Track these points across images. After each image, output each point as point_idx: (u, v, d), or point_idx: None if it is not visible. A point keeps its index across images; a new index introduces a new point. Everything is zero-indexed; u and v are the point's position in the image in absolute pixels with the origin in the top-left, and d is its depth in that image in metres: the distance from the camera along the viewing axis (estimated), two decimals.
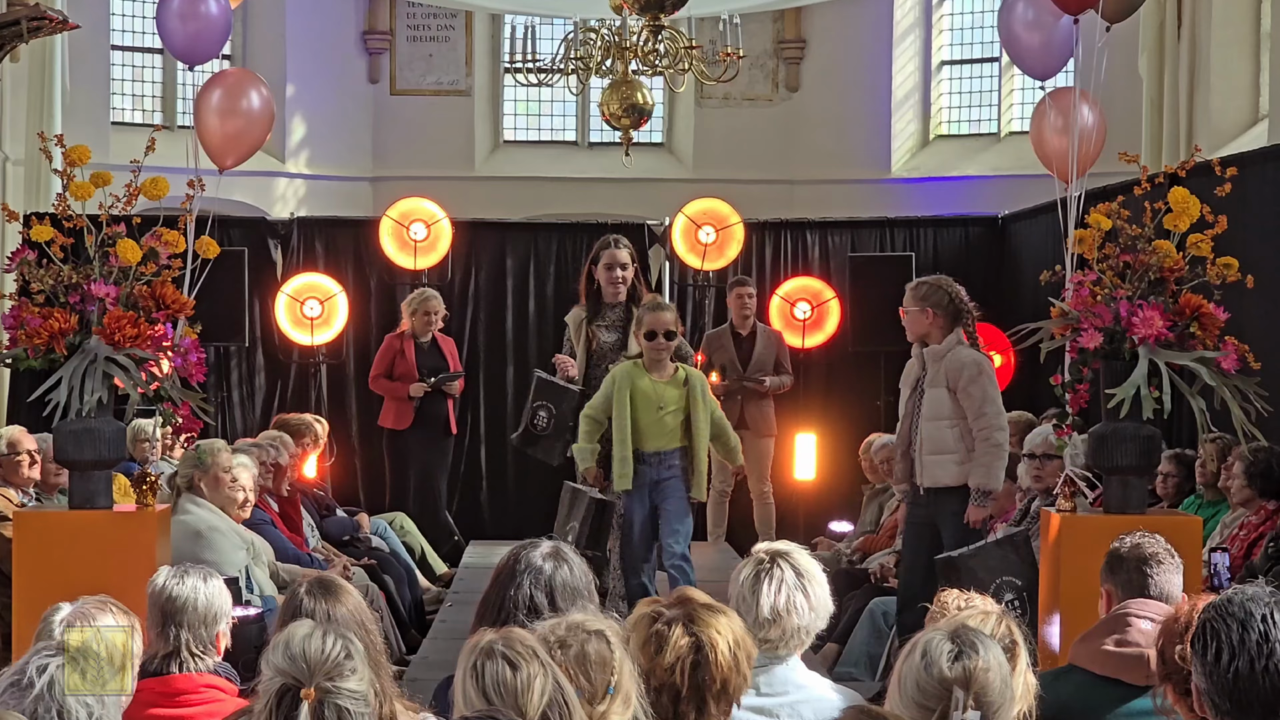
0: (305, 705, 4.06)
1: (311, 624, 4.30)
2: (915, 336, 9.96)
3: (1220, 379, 8.05)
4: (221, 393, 16.15)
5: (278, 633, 4.44)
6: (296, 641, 4.16)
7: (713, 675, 4.73)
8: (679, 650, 4.71)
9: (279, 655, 4.15)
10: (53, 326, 7.85)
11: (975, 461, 9.65)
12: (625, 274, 11.32)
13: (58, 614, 5.55)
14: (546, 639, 4.52)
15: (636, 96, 14.82)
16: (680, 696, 4.72)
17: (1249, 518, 10.22)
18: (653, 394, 10.30)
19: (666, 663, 4.71)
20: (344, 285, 16.17)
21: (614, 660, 4.52)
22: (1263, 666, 4.20)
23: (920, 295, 9.89)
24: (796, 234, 16.98)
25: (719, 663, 4.74)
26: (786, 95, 22.23)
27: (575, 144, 22.80)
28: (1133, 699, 6.00)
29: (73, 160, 8.10)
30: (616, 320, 11.39)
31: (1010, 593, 9.00)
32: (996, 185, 19.95)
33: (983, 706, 4.41)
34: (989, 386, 9.72)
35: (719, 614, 4.87)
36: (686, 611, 4.81)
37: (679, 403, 10.33)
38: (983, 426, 9.64)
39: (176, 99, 21.01)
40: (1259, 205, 11.18)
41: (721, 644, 4.75)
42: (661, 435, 10.34)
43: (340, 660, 4.15)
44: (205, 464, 10.25)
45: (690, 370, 10.55)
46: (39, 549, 7.99)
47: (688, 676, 4.72)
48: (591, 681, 4.47)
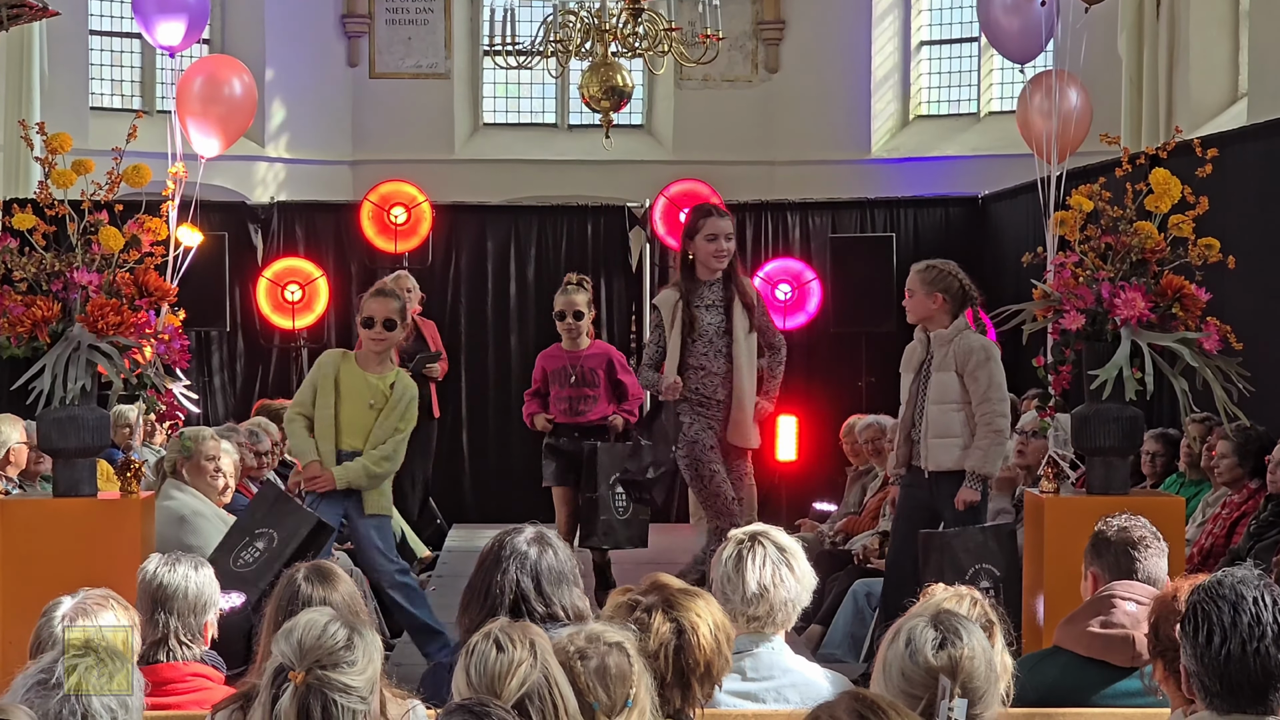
0: (290, 687, 4.07)
1: (326, 611, 4.31)
2: (918, 319, 9.85)
3: (1202, 360, 8.06)
4: (203, 378, 16.15)
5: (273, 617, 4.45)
6: (300, 626, 4.18)
7: (696, 658, 4.74)
8: (661, 636, 4.73)
9: (282, 637, 4.17)
10: (36, 314, 7.83)
11: (975, 445, 9.61)
12: (729, 245, 10.80)
13: (58, 609, 5.53)
14: (566, 649, 4.52)
15: (616, 79, 14.81)
16: (665, 682, 4.73)
17: (1231, 496, 10.25)
18: (364, 388, 9.68)
19: (650, 649, 4.71)
20: (325, 269, 16.18)
21: (633, 674, 4.52)
22: (1254, 649, 4.21)
23: (930, 279, 9.74)
24: (777, 215, 17.00)
25: (701, 645, 4.75)
26: (766, 76, 22.21)
27: (555, 126, 22.76)
28: (1118, 680, 6.02)
29: (54, 147, 8.08)
30: (718, 299, 10.81)
31: (987, 580, 9.01)
32: (976, 165, 19.98)
33: (969, 693, 4.42)
34: (996, 372, 9.67)
35: (696, 598, 4.89)
36: (664, 597, 4.83)
37: (384, 403, 9.68)
38: (986, 412, 9.61)
39: (155, 84, 20.95)
40: (1238, 184, 11.20)
41: (703, 627, 4.77)
42: (362, 434, 9.67)
43: (338, 651, 4.15)
44: (190, 451, 10.25)
45: (405, 378, 9.91)
46: (24, 537, 7.98)
47: (671, 661, 4.73)
48: (611, 695, 4.46)
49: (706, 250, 10.70)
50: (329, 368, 9.67)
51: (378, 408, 9.65)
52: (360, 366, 9.69)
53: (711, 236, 10.70)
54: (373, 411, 9.64)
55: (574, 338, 11.67)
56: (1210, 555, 10.01)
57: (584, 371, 11.62)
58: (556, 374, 11.68)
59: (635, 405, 11.82)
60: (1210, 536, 10.18)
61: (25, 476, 10.95)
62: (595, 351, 11.77)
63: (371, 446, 9.61)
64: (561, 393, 11.64)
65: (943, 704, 4.33)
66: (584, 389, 11.60)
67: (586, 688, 4.46)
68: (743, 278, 10.98)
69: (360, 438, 9.63)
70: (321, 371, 9.67)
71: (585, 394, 11.62)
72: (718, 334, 10.72)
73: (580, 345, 11.68)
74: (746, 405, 10.78)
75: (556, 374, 11.68)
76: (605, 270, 16.91)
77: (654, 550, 12.27)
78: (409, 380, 9.94)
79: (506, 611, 5.53)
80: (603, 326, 16.80)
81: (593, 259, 16.90)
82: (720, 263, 10.72)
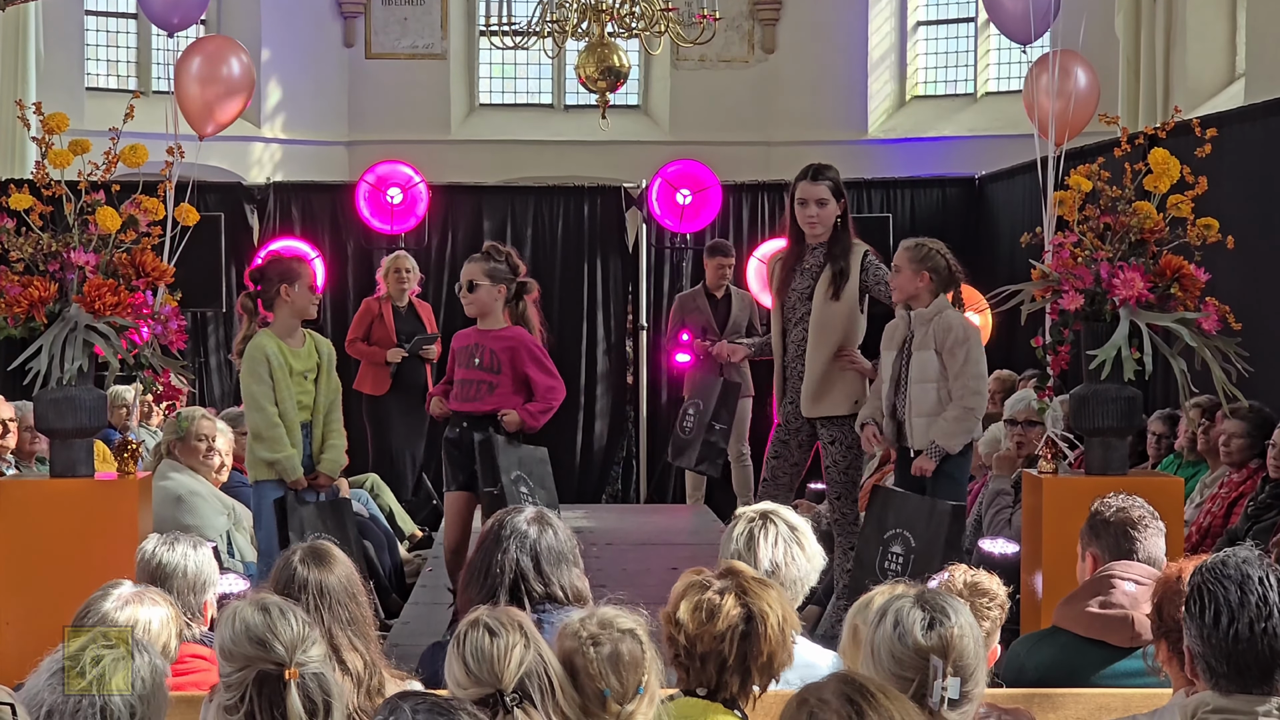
0: (293, 685, 4.08)
1: (258, 604, 4.31)
2: (903, 297, 9.79)
3: (1201, 340, 8.06)
4: (198, 358, 16.15)
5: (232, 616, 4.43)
6: (258, 627, 4.18)
7: (760, 648, 4.72)
8: (731, 620, 4.70)
9: (243, 643, 4.17)
10: (32, 295, 7.81)
11: (942, 417, 9.57)
12: (821, 212, 10.16)
13: (116, 589, 5.49)
14: (578, 634, 4.53)
15: (612, 59, 14.77)
16: (726, 666, 4.71)
17: (1230, 476, 10.25)
18: (295, 362, 9.47)
19: (717, 630, 4.69)
20: (320, 250, 16.16)
21: (645, 660, 4.53)
22: (1262, 629, 4.20)
23: (919, 257, 9.67)
24: (773, 195, 16.98)
25: (768, 635, 4.73)
26: (762, 57, 22.19)
27: (551, 107, 22.75)
28: (1117, 660, 6.02)
29: (51, 128, 8.06)
30: (815, 265, 10.28)
31: (899, 546, 9.04)
32: (973, 146, 19.99)
33: (960, 671, 4.40)
34: (974, 350, 9.61)
35: (769, 588, 4.86)
36: (738, 582, 4.79)
37: (316, 371, 9.55)
38: (959, 389, 9.55)
39: (151, 64, 20.92)
40: (1235, 164, 11.18)
41: (772, 618, 4.74)
42: (308, 408, 9.56)
43: (306, 633, 4.19)
44: (184, 431, 10.25)
45: (318, 337, 9.71)
46: (21, 518, 7.97)
47: (736, 646, 4.71)
48: (623, 682, 4.47)
49: (798, 215, 10.28)
50: (271, 357, 9.37)
51: (312, 377, 9.52)
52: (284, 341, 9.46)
53: (801, 201, 10.25)
54: (308, 382, 9.51)
55: (482, 316, 10.11)
56: (1208, 535, 10.01)
57: (486, 354, 10.03)
58: (461, 354, 10.20)
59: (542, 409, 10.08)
60: (1209, 516, 10.18)
61: (22, 457, 10.95)
62: (506, 335, 10.07)
63: (322, 415, 9.55)
64: (459, 375, 10.15)
65: (936, 684, 4.31)
66: (484, 374, 10.00)
67: (599, 674, 4.46)
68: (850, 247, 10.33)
69: (308, 411, 9.53)
70: (266, 365, 9.35)
71: (484, 380, 10.01)
72: (800, 300, 10.35)
73: (494, 325, 10.07)
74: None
75: (461, 354, 10.20)
76: (601, 251, 16.91)
77: (652, 530, 12.31)
78: (320, 336, 9.80)
79: (506, 591, 5.55)
80: (598, 307, 16.82)
81: (589, 240, 16.92)
82: (812, 230, 10.24)
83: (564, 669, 4.44)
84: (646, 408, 16.92)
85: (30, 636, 5.75)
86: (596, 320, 16.88)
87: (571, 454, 16.69)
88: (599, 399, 16.94)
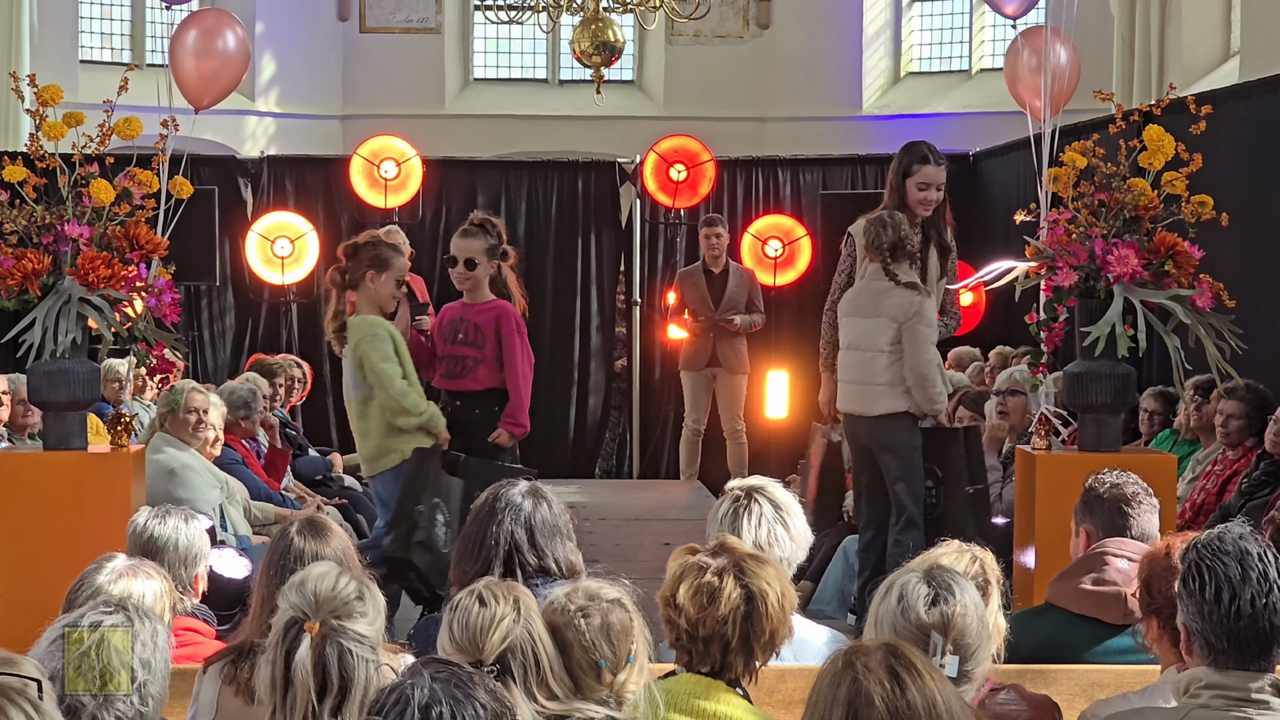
0: (307, 638, 4.07)
1: (334, 565, 4.33)
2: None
3: (1195, 317, 8.06)
4: (192, 332, 16.14)
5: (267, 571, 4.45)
6: (312, 578, 4.19)
7: (762, 626, 4.71)
8: (732, 603, 4.68)
9: (293, 590, 4.17)
10: (26, 267, 7.80)
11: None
12: (939, 196, 10.25)
13: (110, 562, 5.49)
14: (566, 607, 4.54)
15: (607, 34, 14.76)
16: (729, 647, 4.70)
17: (1225, 454, 10.25)
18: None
19: (720, 614, 4.68)
20: (315, 224, 16.17)
21: (633, 628, 4.55)
22: (1264, 604, 4.20)
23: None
24: (768, 171, 16.98)
25: (769, 614, 4.72)
26: (757, 32, 22.15)
27: (546, 82, 22.69)
28: (1110, 638, 6.03)
29: (45, 100, 8.05)
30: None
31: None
32: (967, 122, 19.95)
33: (960, 649, 4.42)
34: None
35: (766, 565, 4.84)
36: (735, 561, 4.77)
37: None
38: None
39: (145, 37, 20.87)
40: (1230, 142, 11.18)
41: (771, 596, 4.73)
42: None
43: (351, 601, 4.17)
44: (175, 404, 10.24)
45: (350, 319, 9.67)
46: (14, 491, 7.97)
47: (738, 628, 4.70)
48: (616, 651, 4.48)
49: (915, 196, 10.19)
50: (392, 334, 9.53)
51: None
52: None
53: (922, 185, 10.17)
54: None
55: (470, 290, 9.93)
56: (1201, 512, 10.03)
57: (470, 329, 9.85)
58: (446, 329, 10.01)
59: (518, 406, 9.83)
60: (1203, 492, 10.19)
61: (15, 430, 10.95)
62: (491, 307, 9.89)
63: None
64: (444, 351, 9.97)
65: (934, 660, 4.33)
66: (467, 349, 9.83)
67: (592, 645, 4.47)
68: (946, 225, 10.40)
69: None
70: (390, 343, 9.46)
71: (467, 355, 9.83)
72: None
73: (480, 299, 9.89)
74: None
75: (446, 329, 10.01)
76: (595, 226, 16.91)
77: (645, 505, 12.30)
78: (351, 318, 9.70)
79: (500, 563, 5.55)
80: (591, 282, 16.82)
81: (583, 215, 16.91)
82: (926, 211, 10.18)
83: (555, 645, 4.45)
84: (640, 382, 16.92)
85: (23, 609, 5.78)
86: (590, 295, 16.88)
87: (565, 429, 16.71)
88: (592, 374, 16.94)
